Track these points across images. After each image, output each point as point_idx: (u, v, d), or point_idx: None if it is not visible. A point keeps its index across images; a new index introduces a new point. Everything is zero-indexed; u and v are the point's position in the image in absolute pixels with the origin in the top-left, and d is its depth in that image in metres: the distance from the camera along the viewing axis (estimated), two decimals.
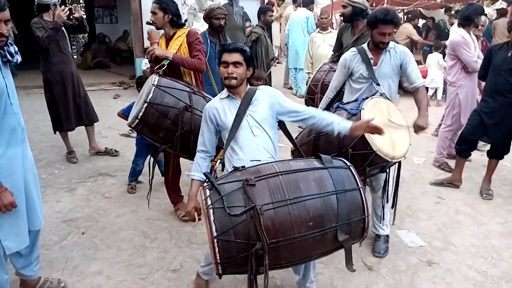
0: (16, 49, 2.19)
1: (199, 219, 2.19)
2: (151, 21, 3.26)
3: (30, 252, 2.45)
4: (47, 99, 4.63)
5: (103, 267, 2.88)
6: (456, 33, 4.48)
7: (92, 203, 3.80)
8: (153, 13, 3.18)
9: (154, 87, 2.82)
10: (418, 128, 2.92)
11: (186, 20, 7.65)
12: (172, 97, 2.87)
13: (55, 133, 4.80)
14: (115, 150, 5.02)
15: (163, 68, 3.03)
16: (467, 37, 4.39)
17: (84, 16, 4.76)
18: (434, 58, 7.69)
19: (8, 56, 2.13)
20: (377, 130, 2.24)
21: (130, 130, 5.68)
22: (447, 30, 9.47)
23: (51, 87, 4.54)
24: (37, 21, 4.39)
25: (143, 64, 6.73)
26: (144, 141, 4.03)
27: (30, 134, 2.46)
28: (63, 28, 4.49)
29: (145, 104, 2.77)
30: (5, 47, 2.10)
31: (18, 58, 2.19)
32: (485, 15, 4.61)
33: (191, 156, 2.81)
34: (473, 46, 4.41)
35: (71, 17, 4.64)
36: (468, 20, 4.41)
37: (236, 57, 2.29)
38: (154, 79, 2.89)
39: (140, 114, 2.78)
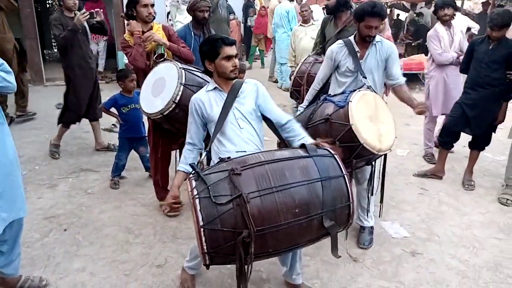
0: None
1: (179, 208, 2.17)
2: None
3: (11, 249, 2.39)
4: (65, 94, 4.61)
5: (86, 264, 2.83)
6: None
7: (74, 199, 3.73)
8: (152, 5, 3.30)
9: (182, 70, 2.87)
10: (421, 111, 2.91)
11: (169, 13, 7.56)
12: (198, 77, 2.93)
13: (58, 124, 4.69)
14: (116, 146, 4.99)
15: (164, 57, 3.13)
16: (440, 30, 4.48)
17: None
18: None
19: None
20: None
21: (112, 124, 5.62)
22: (424, 24, 9.56)
23: (71, 83, 4.52)
24: (56, 17, 4.33)
25: (125, 57, 6.62)
26: (127, 135, 4.00)
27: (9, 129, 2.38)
28: (86, 25, 4.43)
29: (181, 87, 2.78)
30: None
31: None
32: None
33: None
34: (447, 40, 4.46)
35: (94, 20, 4.57)
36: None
37: (235, 49, 2.34)
38: (175, 63, 2.95)
39: (178, 97, 2.78)
